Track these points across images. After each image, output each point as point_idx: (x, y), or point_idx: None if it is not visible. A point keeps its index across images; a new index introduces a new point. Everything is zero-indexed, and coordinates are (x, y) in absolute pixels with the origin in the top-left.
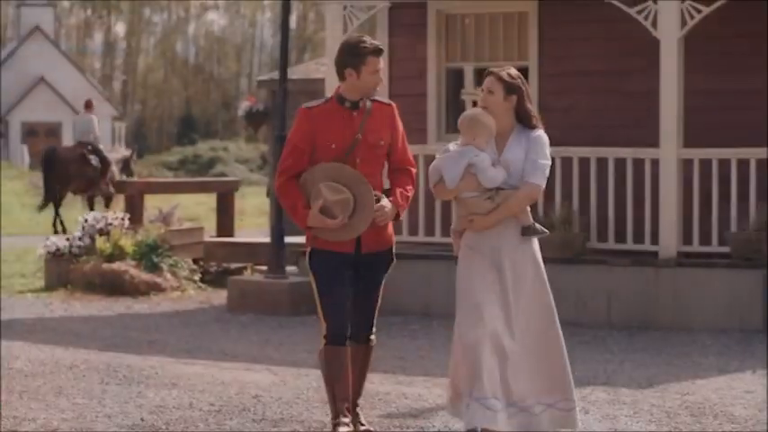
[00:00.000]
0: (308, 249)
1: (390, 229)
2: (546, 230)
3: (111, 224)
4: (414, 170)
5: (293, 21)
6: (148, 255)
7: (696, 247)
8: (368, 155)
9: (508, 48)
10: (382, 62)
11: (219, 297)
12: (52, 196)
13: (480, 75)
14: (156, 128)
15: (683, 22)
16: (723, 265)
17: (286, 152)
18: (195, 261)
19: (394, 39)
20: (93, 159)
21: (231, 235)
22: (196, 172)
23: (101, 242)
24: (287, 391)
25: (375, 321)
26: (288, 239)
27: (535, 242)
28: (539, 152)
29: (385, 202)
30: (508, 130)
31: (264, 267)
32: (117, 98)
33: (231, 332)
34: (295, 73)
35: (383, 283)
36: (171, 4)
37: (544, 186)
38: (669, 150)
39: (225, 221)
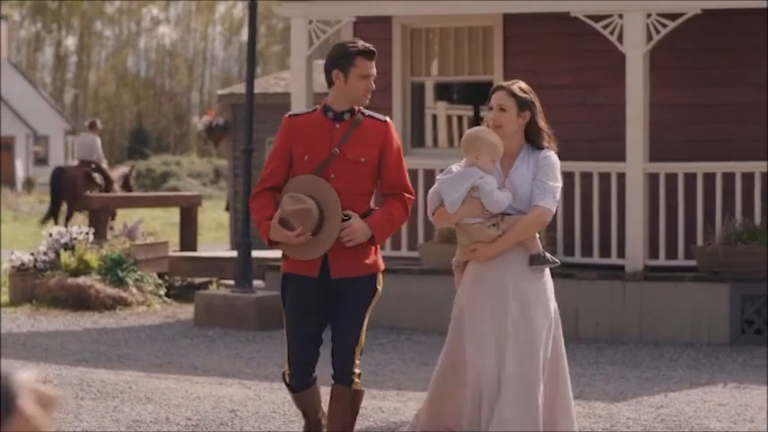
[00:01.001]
0: (281, 275)
1: (373, 253)
2: (557, 260)
3: (75, 239)
4: (408, 197)
5: (244, 34)
6: (113, 269)
7: (662, 260)
8: (344, 171)
9: (473, 62)
10: (374, 68)
11: (185, 311)
12: (55, 212)
13: (445, 89)
14: (107, 142)
15: (649, 37)
16: (690, 278)
17: (266, 163)
18: (160, 275)
19: None
20: (98, 178)
21: (194, 249)
22: (149, 186)
23: (65, 257)
24: (262, 405)
25: (356, 362)
26: (255, 254)
27: (546, 273)
28: (548, 174)
29: (356, 220)
30: (516, 150)
31: (230, 282)
32: (68, 112)
33: (200, 346)
34: (257, 86)
35: (365, 318)
36: (122, 17)
37: (554, 211)
38: (635, 164)
39: (188, 236)
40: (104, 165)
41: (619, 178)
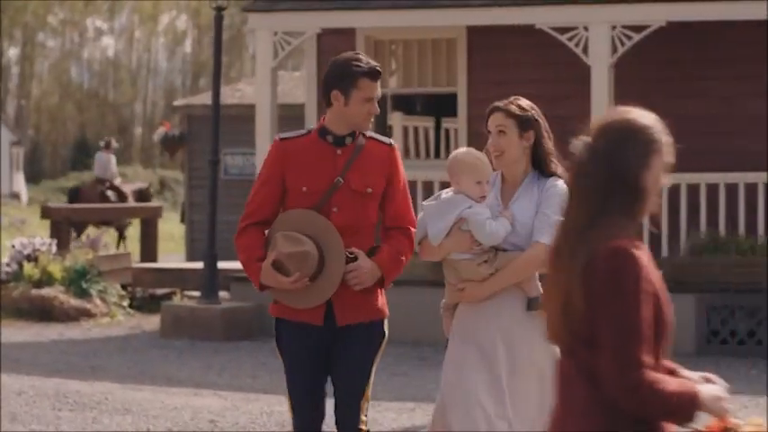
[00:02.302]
0: (274, 319)
1: (380, 295)
2: None
3: (38, 250)
4: (414, 230)
5: (188, 45)
6: (77, 281)
7: None
8: (349, 204)
9: (437, 74)
10: (378, 89)
11: (149, 323)
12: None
13: (406, 101)
14: (50, 153)
15: (614, 49)
16: None
17: (251, 193)
18: (123, 287)
19: (322, 65)
20: (112, 195)
21: (155, 260)
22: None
23: (29, 268)
24: (240, 415)
25: (363, 418)
26: (220, 265)
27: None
28: (553, 205)
29: (363, 261)
30: (520, 178)
31: (194, 293)
32: (12, 123)
33: (170, 357)
34: (209, 98)
35: (373, 369)
36: (66, 28)
37: None
38: None
39: (148, 247)
40: (118, 181)
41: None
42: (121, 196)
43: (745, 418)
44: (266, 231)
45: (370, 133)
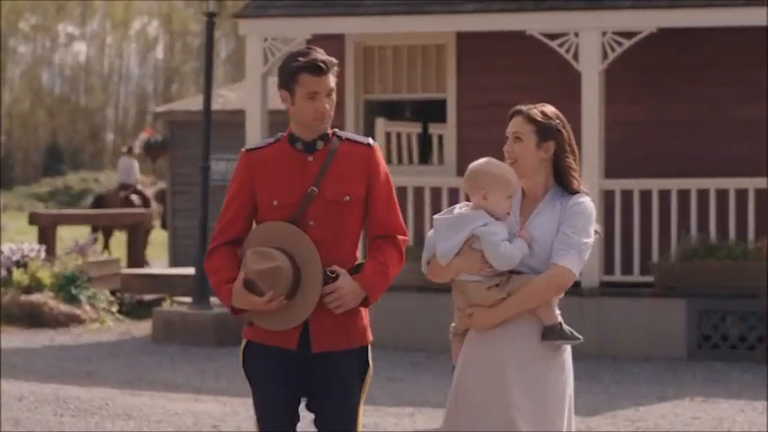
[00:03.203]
0: (243, 342)
1: (364, 317)
2: (579, 336)
3: (27, 256)
4: (402, 239)
5: (160, 51)
6: (67, 286)
7: (618, 276)
8: (327, 216)
9: (426, 80)
10: (330, 82)
11: (139, 328)
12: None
13: (398, 107)
14: (22, 159)
15: (605, 55)
16: (647, 294)
17: (221, 210)
18: (112, 292)
19: None
20: (136, 199)
21: (142, 266)
22: (67, 203)
23: (18, 274)
24: (242, 421)
25: None
26: None
27: (565, 352)
28: (576, 225)
29: (344, 280)
30: (540, 194)
31: (183, 299)
32: None
33: (163, 363)
34: (191, 104)
35: (360, 404)
36: (37, 34)
37: (578, 273)
38: (591, 181)
39: (136, 253)
40: (140, 186)
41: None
42: (145, 200)
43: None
44: (239, 252)
45: (346, 134)
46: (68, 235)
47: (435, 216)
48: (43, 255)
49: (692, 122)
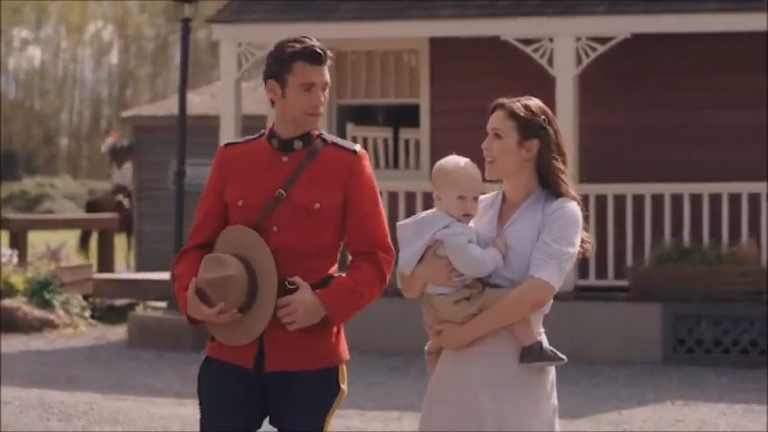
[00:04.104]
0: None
1: (332, 335)
2: (562, 356)
3: None
4: (385, 257)
5: (114, 56)
6: (40, 291)
7: (592, 280)
8: (293, 222)
9: (399, 85)
10: (324, 74)
11: (113, 333)
12: (86, 238)
13: (368, 112)
14: None
15: (579, 60)
16: (621, 298)
17: (196, 210)
18: (84, 297)
19: None
20: (126, 203)
21: (112, 271)
22: (24, 208)
23: None
24: None
25: None
26: None
27: (549, 374)
28: (556, 232)
29: (302, 293)
30: (522, 197)
31: (156, 303)
32: None
33: (142, 368)
34: (160, 108)
35: (324, 428)
36: None
37: (557, 286)
38: None
39: (105, 258)
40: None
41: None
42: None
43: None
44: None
45: (333, 138)
46: (38, 240)
47: (399, 223)
48: (15, 260)
49: (666, 128)
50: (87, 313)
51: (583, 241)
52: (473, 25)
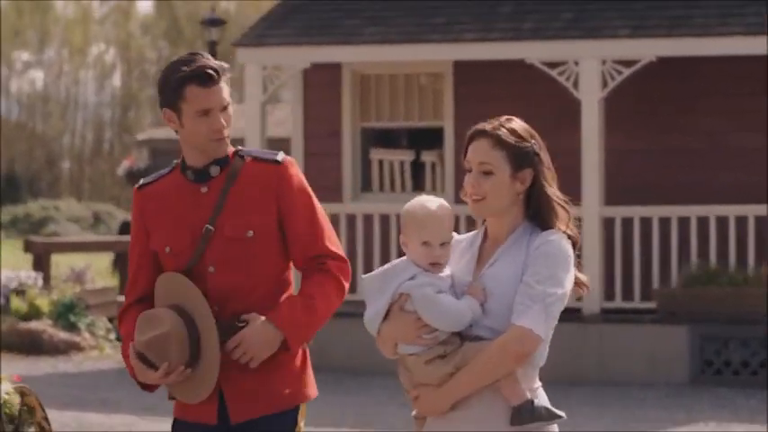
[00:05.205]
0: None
1: (296, 371)
2: (559, 413)
3: (24, 283)
4: (335, 264)
5: (117, 78)
6: (65, 314)
7: (619, 302)
8: (229, 258)
9: (423, 108)
10: (225, 93)
11: None
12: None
13: (392, 135)
14: None
15: (604, 83)
16: (648, 320)
17: (129, 261)
18: (109, 320)
19: (308, 100)
20: None
21: None
22: (28, 231)
23: (16, 302)
24: None
25: None
26: None
27: None
28: (541, 271)
29: (251, 326)
30: (507, 231)
31: None
32: None
33: None
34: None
35: None
36: None
37: (545, 335)
38: (591, 209)
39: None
40: None
41: (574, 222)
42: None
43: None
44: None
45: (252, 151)
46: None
47: (363, 276)
48: (40, 282)
49: (690, 151)
50: (113, 335)
51: (579, 283)
52: (497, 48)
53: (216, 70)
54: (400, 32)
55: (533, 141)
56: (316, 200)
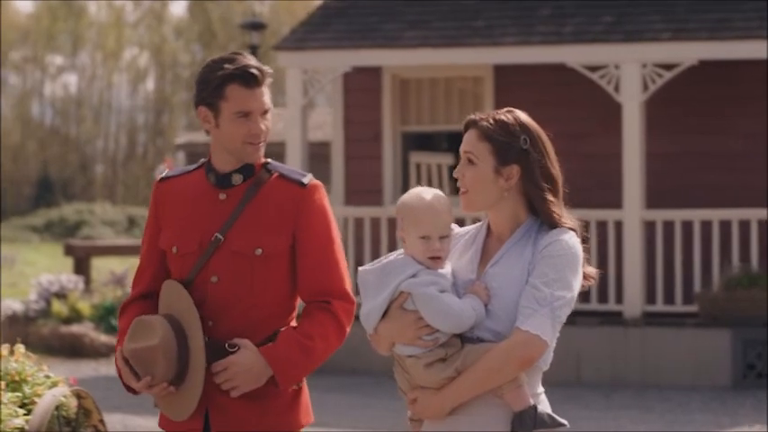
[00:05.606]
0: None
1: (288, 400)
2: (562, 420)
3: (65, 287)
4: (342, 305)
5: (150, 82)
6: (106, 317)
7: (660, 306)
8: (233, 271)
9: (464, 112)
10: (267, 98)
11: None
12: None
13: (432, 139)
14: (12, 191)
15: (645, 87)
16: (691, 324)
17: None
18: None
19: (348, 103)
20: None
21: None
22: (63, 234)
23: (57, 305)
24: None
25: None
26: None
27: None
28: (548, 273)
29: (242, 354)
30: (510, 227)
31: None
32: None
33: None
34: None
35: None
36: (27, 65)
37: (551, 341)
38: (633, 212)
39: None
40: None
41: (616, 226)
42: None
43: None
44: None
45: (280, 167)
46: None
47: (360, 268)
48: (81, 286)
49: (731, 154)
50: None
51: (585, 276)
52: (538, 52)
53: (261, 71)
54: (441, 36)
55: (524, 137)
56: (335, 230)
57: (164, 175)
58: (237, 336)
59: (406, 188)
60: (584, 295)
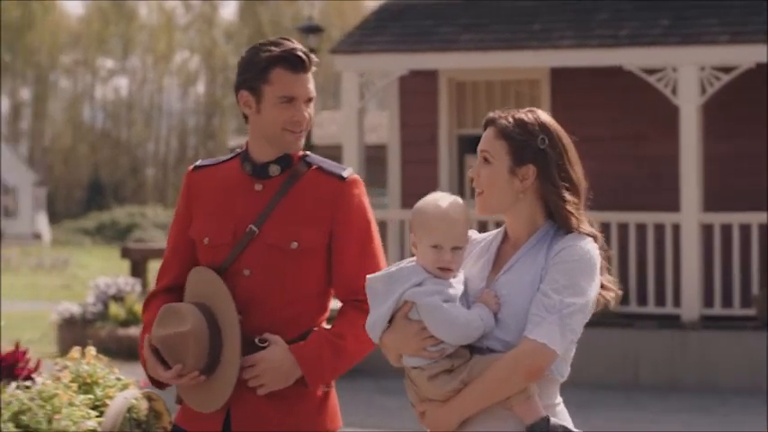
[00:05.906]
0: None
1: (316, 400)
2: (575, 430)
3: (122, 290)
4: None
5: (201, 86)
6: None
7: (718, 310)
8: (267, 265)
9: None
10: (312, 85)
11: None
12: None
13: None
14: (64, 194)
15: (703, 90)
16: (748, 327)
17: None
18: None
19: (405, 106)
20: None
21: None
22: (115, 237)
23: (114, 308)
24: None
25: None
26: None
27: None
28: (560, 279)
29: (272, 351)
30: (526, 232)
31: None
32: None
33: None
34: None
35: None
36: (78, 69)
37: (561, 350)
38: (690, 215)
39: None
40: None
41: (674, 229)
42: None
43: None
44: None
45: (319, 160)
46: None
47: (369, 276)
48: (138, 288)
49: None
50: None
51: (604, 287)
52: (595, 55)
53: (308, 56)
54: (497, 39)
55: (542, 137)
56: (375, 226)
57: (197, 163)
58: (265, 332)
59: (462, 191)
60: (641, 298)
